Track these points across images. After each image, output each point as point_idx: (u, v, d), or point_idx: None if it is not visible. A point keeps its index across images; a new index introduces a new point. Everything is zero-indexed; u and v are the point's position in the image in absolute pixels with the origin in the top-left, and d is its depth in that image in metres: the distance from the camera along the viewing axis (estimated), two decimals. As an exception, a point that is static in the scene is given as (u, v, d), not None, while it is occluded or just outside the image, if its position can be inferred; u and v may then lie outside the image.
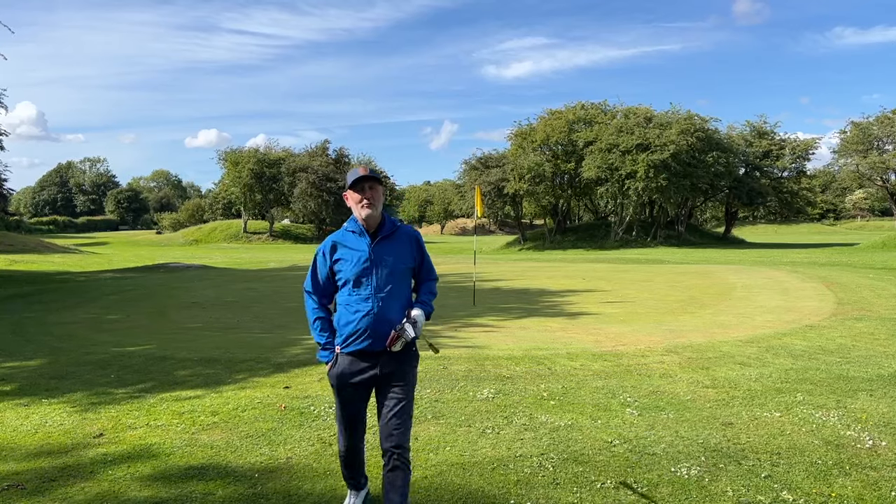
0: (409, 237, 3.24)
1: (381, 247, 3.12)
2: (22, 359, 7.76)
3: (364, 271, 3.08)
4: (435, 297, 3.33)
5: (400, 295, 3.15)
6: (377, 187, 3.12)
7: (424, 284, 3.35)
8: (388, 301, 3.09)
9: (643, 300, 13.19)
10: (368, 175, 3.08)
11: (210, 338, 9.20)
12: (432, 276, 3.38)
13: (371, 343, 3.08)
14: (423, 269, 3.32)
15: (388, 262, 3.11)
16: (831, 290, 13.53)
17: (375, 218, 3.11)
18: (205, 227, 67.35)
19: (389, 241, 3.15)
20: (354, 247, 3.13)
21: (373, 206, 3.07)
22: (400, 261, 3.16)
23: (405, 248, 3.20)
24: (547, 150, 47.28)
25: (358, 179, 3.06)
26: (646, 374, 6.32)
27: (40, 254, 36.20)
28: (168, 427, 4.90)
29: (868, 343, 7.79)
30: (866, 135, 47.67)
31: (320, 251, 3.23)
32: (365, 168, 3.11)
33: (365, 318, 3.06)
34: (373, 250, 3.10)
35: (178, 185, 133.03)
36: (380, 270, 3.09)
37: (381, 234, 3.13)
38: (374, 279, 3.09)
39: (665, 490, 3.65)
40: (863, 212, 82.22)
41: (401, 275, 3.16)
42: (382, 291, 3.09)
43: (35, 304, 14.25)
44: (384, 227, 3.15)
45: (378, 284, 3.09)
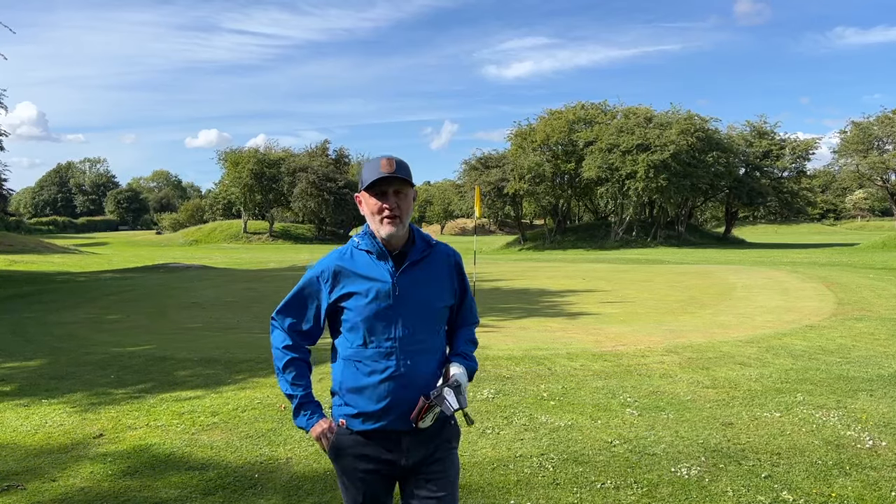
0: (447, 261, 2.29)
1: (409, 276, 2.17)
2: (22, 359, 7.76)
3: (384, 313, 2.13)
4: (476, 347, 2.40)
5: (435, 347, 2.23)
6: (407, 192, 2.16)
7: (463, 330, 2.38)
8: (420, 356, 2.16)
9: (643, 300, 13.19)
10: (395, 175, 2.11)
11: (210, 338, 9.20)
12: (474, 317, 2.43)
13: (393, 420, 2.13)
14: (463, 308, 2.36)
15: (420, 299, 2.18)
16: (831, 290, 13.53)
17: (401, 238, 2.17)
18: (205, 227, 67.37)
19: (421, 268, 2.20)
20: (370, 274, 2.16)
21: (398, 222, 2.13)
22: (436, 296, 2.23)
23: (443, 278, 2.26)
24: (547, 150, 47.27)
25: (379, 180, 2.11)
26: (646, 375, 6.32)
27: (40, 254, 36.21)
28: (168, 427, 4.90)
29: (868, 343, 7.78)
30: (866, 135, 47.65)
31: (314, 276, 2.23)
32: (391, 162, 2.12)
33: (386, 384, 2.12)
34: (398, 281, 2.15)
35: (178, 186, 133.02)
36: (408, 311, 2.15)
37: (411, 258, 2.18)
38: (399, 324, 2.13)
39: (665, 490, 3.65)
40: (863, 212, 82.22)
41: (436, 317, 2.24)
42: (412, 343, 2.14)
43: (35, 304, 14.25)
44: (415, 247, 2.21)
45: (406, 332, 2.14)
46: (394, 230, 2.13)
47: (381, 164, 2.12)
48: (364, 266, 2.19)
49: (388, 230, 2.13)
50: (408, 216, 2.17)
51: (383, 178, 2.11)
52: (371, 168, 2.15)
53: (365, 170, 2.18)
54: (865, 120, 48.25)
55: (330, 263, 2.23)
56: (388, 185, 2.13)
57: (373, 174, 2.12)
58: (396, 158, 2.14)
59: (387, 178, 2.11)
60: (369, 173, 2.14)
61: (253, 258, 34.27)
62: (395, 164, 2.13)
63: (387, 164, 2.12)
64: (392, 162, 2.13)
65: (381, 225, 2.14)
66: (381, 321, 2.14)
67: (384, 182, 2.12)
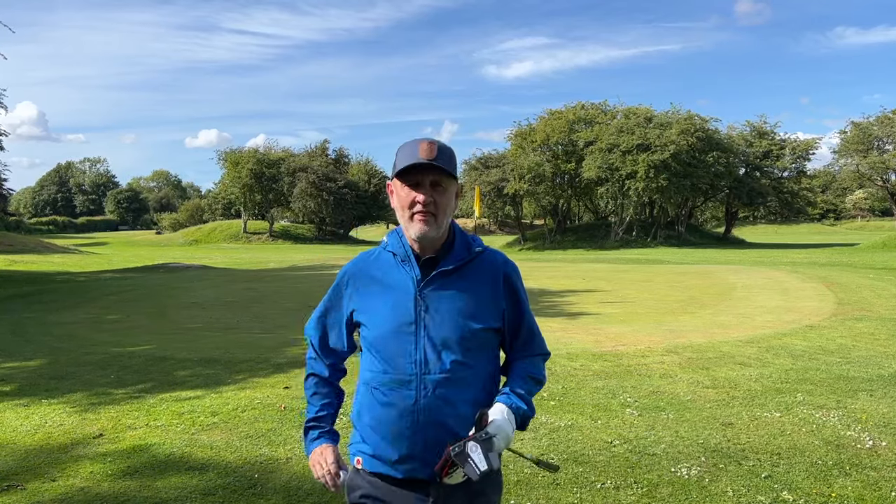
0: (493, 273, 1.84)
1: (438, 286, 1.78)
2: (22, 359, 7.75)
3: (405, 329, 1.75)
4: (541, 388, 1.92)
5: (471, 378, 1.78)
6: (448, 185, 1.77)
7: (521, 364, 1.90)
8: (449, 388, 1.74)
9: (643, 300, 13.19)
10: (434, 162, 1.71)
11: (210, 338, 9.20)
12: (538, 347, 1.93)
13: (416, 467, 1.75)
14: (520, 335, 1.89)
15: (451, 316, 1.76)
16: (831, 290, 13.52)
17: (434, 240, 1.78)
18: (204, 227, 67.35)
19: (456, 279, 1.79)
20: (390, 281, 1.81)
21: (432, 220, 1.74)
22: (473, 315, 1.78)
23: (484, 293, 1.81)
24: (547, 150, 47.27)
25: (414, 167, 1.73)
26: (646, 375, 6.32)
27: (40, 254, 36.19)
28: (168, 427, 4.90)
29: (868, 343, 7.78)
30: (866, 135, 47.64)
31: (337, 283, 1.94)
32: (431, 147, 1.73)
33: (405, 419, 1.74)
34: (422, 292, 1.77)
35: (178, 186, 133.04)
36: (435, 330, 1.75)
37: (444, 265, 1.78)
38: (423, 346, 1.75)
39: (665, 490, 3.65)
40: (863, 212, 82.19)
41: (473, 341, 1.78)
42: (439, 370, 1.74)
43: (35, 304, 14.25)
44: (452, 252, 1.81)
45: (431, 356, 1.74)
46: (426, 229, 1.73)
47: (419, 148, 1.72)
48: (386, 271, 1.83)
49: (419, 229, 1.73)
50: (446, 215, 1.77)
51: (419, 164, 1.71)
52: (407, 151, 1.75)
53: (399, 153, 1.78)
54: (865, 120, 48.25)
55: (351, 266, 1.92)
56: (425, 174, 1.73)
57: (407, 159, 1.73)
58: (439, 142, 1.75)
59: (423, 166, 1.71)
60: (403, 157, 1.75)
61: (253, 258, 34.26)
62: (436, 149, 1.72)
63: (426, 147, 1.71)
64: (433, 147, 1.72)
65: (410, 222, 1.75)
66: (400, 340, 1.76)
67: (419, 170, 1.72)
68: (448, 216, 1.79)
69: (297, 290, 16.05)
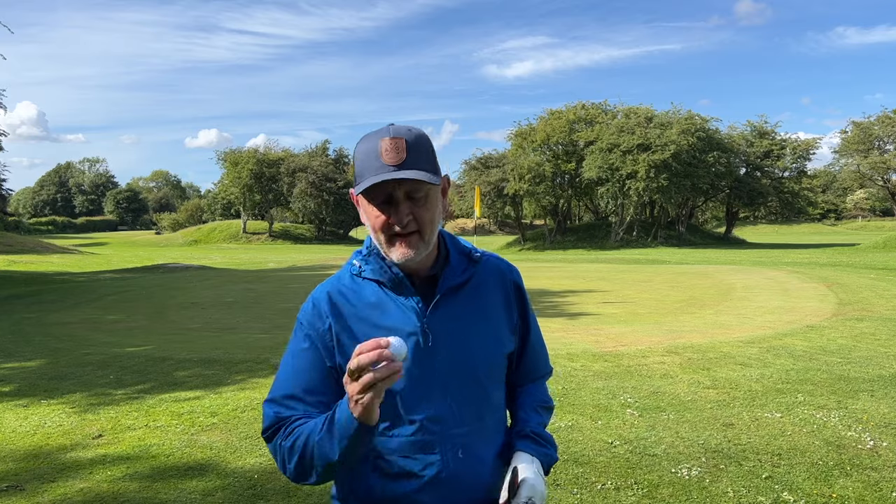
0: (501, 283, 1.52)
1: (446, 313, 1.41)
2: (21, 359, 7.74)
3: (414, 378, 1.36)
4: (551, 417, 1.62)
5: (495, 422, 1.48)
6: (430, 190, 1.35)
7: (530, 390, 1.60)
8: (476, 441, 1.41)
9: (644, 300, 13.18)
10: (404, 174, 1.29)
11: (209, 338, 9.19)
12: (544, 366, 1.65)
13: None
14: (527, 353, 1.57)
15: (468, 349, 1.41)
16: (832, 290, 13.51)
17: (424, 259, 1.40)
18: (204, 227, 67.34)
19: (464, 298, 1.44)
20: (384, 322, 1.39)
21: (416, 241, 1.35)
22: (492, 341, 1.46)
23: (497, 311, 1.49)
24: (547, 150, 47.28)
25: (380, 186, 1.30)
26: (646, 375, 6.31)
27: (39, 254, 36.19)
28: (167, 428, 4.89)
29: (869, 343, 7.77)
30: (867, 135, 47.66)
31: (305, 331, 1.42)
32: (396, 145, 1.30)
33: (423, 494, 1.37)
34: (430, 324, 1.39)
35: (178, 186, 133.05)
36: (451, 371, 1.39)
37: (446, 284, 1.42)
38: (438, 394, 1.38)
39: (666, 491, 3.64)
40: (864, 212, 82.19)
41: (493, 374, 1.47)
42: (461, 421, 1.39)
43: (34, 304, 14.24)
44: (450, 266, 1.44)
45: (451, 406, 1.38)
46: (410, 254, 1.33)
47: (382, 151, 1.29)
48: (373, 306, 1.40)
49: (402, 255, 1.34)
50: (433, 228, 1.36)
51: (385, 182, 1.28)
52: (365, 157, 1.32)
53: (358, 157, 1.34)
54: (866, 120, 48.29)
55: (320, 305, 1.42)
56: (396, 186, 1.30)
57: (368, 171, 1.30)
58: (406, 135, 1.31)
59: (386, 183, 1.29)
60: (363, 168, 1.32)
61: (252, 258, 34.25)
62: (404, 147, 1.29)
63: (391, 148, 1.29)
64: (399, 144, 1.29)
65: (389, 247, 1.35)
66: (410, 392, 1.35)
67: (388, 184, 1.29)
68: (436, 228, 1.38)
69: (297, 291, 16.04)
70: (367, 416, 1.18)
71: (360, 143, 1.37)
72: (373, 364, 1.13)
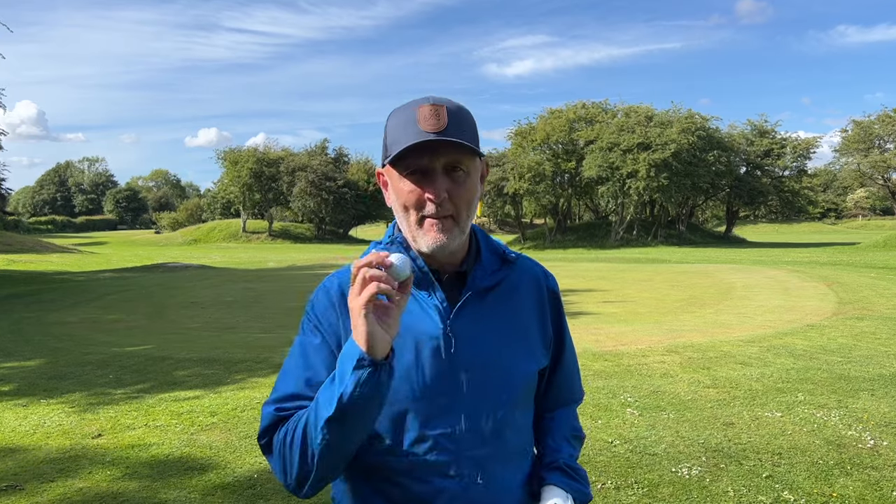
0: (536, 290, 1.35)
1: (473, 317, 1.25)
2: (20, 359, 7.74)
3: (432, 386, 1.20)
4: (581, 446, 1.46)
5: (522, 445, 1.31)
6: (470, 167, 1.20)
7: (563, 415, 1.44)
8: (499, 465, 1.25)
9: (644, 300, 13.18)
10: (446, 137, 1.13)
11: (209, 338, 9.19)
12: (578, 389, 1.49)
13: None
14: (559, 372, 1.41)
15: (496, 359, 1.25)
16: (832, 289, 13.51)
17: (456, 251, 1.24)
18: (203, 226, 67.32)
19: (496, 301, 1.28)
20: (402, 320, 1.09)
21: (451, 226, 1.19)
22: (523, 353, 1.29)
23: (530, 320, 1.33)
24: (547, 149, 47.27)
25: (416, 148, 1.14)
26: (646, 374, 6.30)
27: (39, 253, 36.17)
28: (167, 427, 4.88)
29: (869, 342, 7.76)
30: (867, 133, 47.66)
31: (312, 323, 1.25)
32: (438, 112, 1.14)
33: None
34: (454, 327, 1.22)
35: (177, 185, 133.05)
36: (477, 382, 1.22)
37: (476, 285, 1.26)
38: (459, 407, 1.21)
39: (666, 490, 3.63)
40: (864, 211, 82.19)
41: (523, 390, 1.29)
42: (482, 440, 1.22)
43: (33, 303, 14.23)
44: (481, 265, 1.28)
45: (472, 422, 1.22)
46: (443, 239, 1.17)
47: (420, 116, 1.13)
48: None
49: (434, 240, 1.17)
50: (469, 213, 1.21)
51: (424, 144, 1.12)
52: (401, 122, 1.17)
53: (391, 125, 1.19)
54: (866, 119, 48.28)
55: (332, 295, 1.25)
56: (434, 155, 1.15)
57: (404, 136, 1.14)
58: (447, 103, 1.17)
59: (430, 145, 1.13)
60: (398, 133, 1.16)
61: (252, 258, 34.24)
62: (445, 114, 1.14)
63: (431, 113, 1.13)
64: (441, 111, 1.14)
65: (418, 229, 1.19)
66: (426, 403, 1.19)
67: (425, 151, 1.14)
68: (473, 213, 1.22)
69: (297, 290, 16.03)
70: (371, 340, 1.01)
71: (392, 114, 1.21)
72: (369, 266, 1.01)
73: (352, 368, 1.02)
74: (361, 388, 1.02)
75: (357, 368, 1.02)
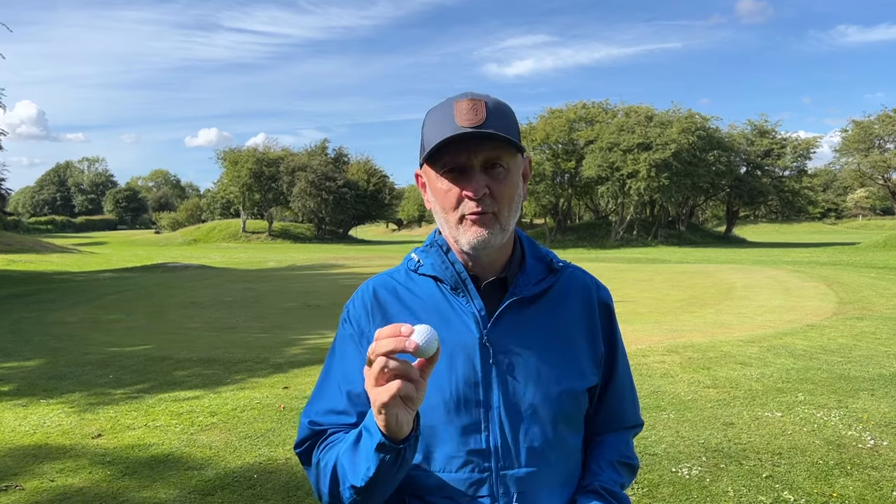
0: (587, 301, 1.27)
1: (514, 326, 1.18)
2: (20, 359, 7.74)
3: (466, 401, 1.14)
4: (633, 479, 1.32)
5: (567, 469, 1.22)
6: (511, 162, 1.16)
7: (614, 441, 1.31)
8: (540, 488, 1.16)
9: (644, 300, 13.18)
10: (484, 129, 1.09)
11: (208, 338, 9.19)
12: (633, 415, 1.37)
13: None
14: (611, 392, 1.30)
15: (539, 374, 1.17)
16: (832, 289, 13.51)
17: (498, 252, 1.19)
18: (203, 226, 67.31)
19: (539, 312, 1.21)
20: (437, 324, 1.12)
21: (492, 222, 1.13)
22: (571, 369, 1.20)
23: (580, 334, 1.24)
24: (547, 148, 47.29)
25: (452, 142, 1.10)
26: (646, 374, 6.30)
27: (38, 253, 36.17)
28: (166, 428, 4.88)
29: (869, 343, 7.76)
30: (868, 133, 47.66)
31: (349, 331, 1.23)
32: (476, 106, 1.10)
33: None
34: (492, 336, 1.17)
35: (177, 185, 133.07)
36: (515, 397, 1.16)
37: (519, 292, 1.20)
38: (496, 423, 1.15)
39: (666, 490, 3.63)
40: (864, 211, 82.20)
41: (571, 408, 1.20)
42: (523, 461, 1.15)
43: (33, 303, 14.23)
44: (525, 272, 1.22)
45: (508, 439, 1.15)
46: (485, 235, 1.12)
47: (457, 111, 1.09)
48: (427, 306, 1.19)
49: (475, 237, 1.12)
50: (512, 210, 1.15)
51: (461, 136, 1.08)
52: (438, 120, 1.12)
53: (428, 124, 1.15)
54: (866, 119, 48.28)
55: (367, 298, 1.23)
56: (472, 151, 1.10)
57: (440, 131, 1.10)
58: (487, 98, 1.13)
59: (468, 138, 1.09)
60: (435, 129, 1.12)
61: (252, 258, 34.24)
62: (484, 108, 1.10)
63: (469, 108, 1.09)
64: (479, 106, 1.10)
65: (459, 227, 1.14)
66: (462, 416, 1.13)
67: (462, 146, 1.10)
68: (516, 212, 1.15)
69: (297, 290, 16.04)
70: (392, 424, 0.95)
71: (429, 112, 1.17)
72: (389, 355, 0.92)
73: (374, 449, 0.98)
74: (386, 467, 0.99)
75: (379, 451, 0.98)
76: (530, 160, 1.22)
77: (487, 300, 1.19)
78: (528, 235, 1.30)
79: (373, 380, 0.93)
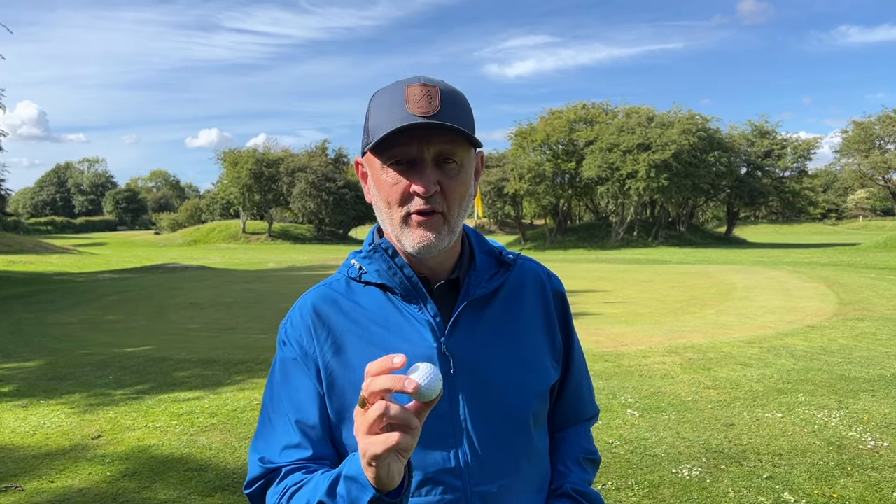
0: (540, 295, 1.21)
1: (471, 331, 1.10)
2: (20, 360, 7.73)
3: (432, 417, 0.88)
4: (596, 472, 1.28)
5: (535, 475, 1.15)
6: (464, 158, 1.04)
7: (575, 436, 1.28)
8: (509, 499, 1.09)
9: (644, 300, 13.17)
10: (437, 121, 0.97)
11: (208, 339, 9.19)
12: (591, 405, 1.33)
13: None
14: (568, 386, 1.25)
15: (504, 378, 1.10)
16: (833, 290, 13.50)
17: (446, 254, 1.10)
18: (203, 227, 67.32)
19: (496, 311, 1.14)
20: (388, 340, 1.07)
21: (439, 224, 1.02)
22: (530, 370, 1.13)
23: (538, 330, 1.18)
24: (547, 149, 47.30)
25: (401, 133, 0.97)
26: (647, 375, 6.30)
27: (38, 254, 36.17)
28: (166, 428, 4.88)
29: (870, 343, 7.76)
30: (868, 134, 47.65)
31: (289, 354, 1.15)
32: (429, 93, 0.97)
33: None
34: (451, 346, 1.07)
35: (177, 186, 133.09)
36: (480, 408, 1.07)
37: (471, 293, 1.10)
38: (462, 438, 1.06)
39: (666, 491, 3.62)
40: (864, 211, 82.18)
41: (532, 412, 1.13)
42: (489, 474, 1.07)
43: (33, 304, 14.23)
44: (475, 270, 1.13)
45: (478, 452, 1.06)
46: (431, 239, 1.02)
47: (409, 97, 0.98)
48: (376, 318, 1.09)
49: (420, 240, 1.02)
50: (461, 210, 1.05)
51: (412, 128, 0.97)
52: (387, 103, 1.01)
53: (374, 107, 1.04)
54: (867, 119, 48.27)
55: (306, 316, 1.13)
56: (424, 141, 0.99)
57: (389, 119, 0.99)
58: (442, 85, 1.01)
59: (419, 129, 0.98)
60: (382, 115, 1.01)
61: (252, 258, 34.23)
62: (438, 96, 0.98)
63: (421, 95, 0.98)
64: (433, 93, 0.98)
65: (403, 227, 1.03)
66: (424, 435, 0.90)
67: (413, 136, 0.99)
68: (465, 211, 1.06)
69: (297, 291, 16.00)
70: (383, 477, 0.84)
71: (375, 95, 1.04)
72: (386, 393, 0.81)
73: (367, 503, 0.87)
74: None
75: None
76: (483, 156, 1.11)
77: (440, 304, 1.09)
78: (473, 229, 1.19)
79: (366, 427, 0.82)
